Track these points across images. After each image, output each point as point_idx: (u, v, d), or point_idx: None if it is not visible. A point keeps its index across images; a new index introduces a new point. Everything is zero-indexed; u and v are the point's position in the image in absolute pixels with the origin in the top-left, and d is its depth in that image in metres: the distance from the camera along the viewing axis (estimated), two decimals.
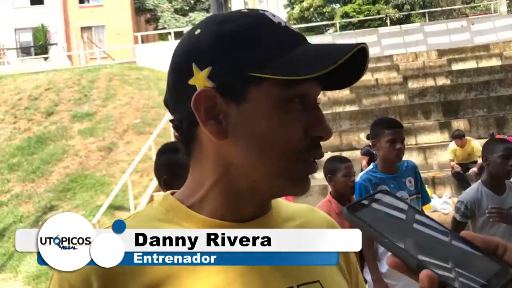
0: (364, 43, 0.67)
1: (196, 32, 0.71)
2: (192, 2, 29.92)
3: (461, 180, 7.69)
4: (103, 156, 11.48)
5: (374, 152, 8.22)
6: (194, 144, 0.73)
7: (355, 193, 3.18)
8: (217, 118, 0.68)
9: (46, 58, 21.28)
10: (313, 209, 0.87)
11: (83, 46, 21.51)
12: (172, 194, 0.77)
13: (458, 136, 8.10)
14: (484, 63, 13.19)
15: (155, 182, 9.28)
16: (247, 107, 0.67)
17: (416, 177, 3.11)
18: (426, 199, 3.18)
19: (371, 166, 3.18)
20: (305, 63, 0.65)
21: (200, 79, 0.68)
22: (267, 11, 0.73)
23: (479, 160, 8.01)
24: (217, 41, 0.68)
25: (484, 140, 8.65)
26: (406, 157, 3.35)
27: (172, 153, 1.94)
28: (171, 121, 0.76)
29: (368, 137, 9.22)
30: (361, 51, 0.67)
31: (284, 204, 0.83)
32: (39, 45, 23.14)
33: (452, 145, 8.27)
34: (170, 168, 1.89)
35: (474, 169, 8.05)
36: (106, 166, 11.10)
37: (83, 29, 25.66)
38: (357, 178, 3.21)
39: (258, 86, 0.66)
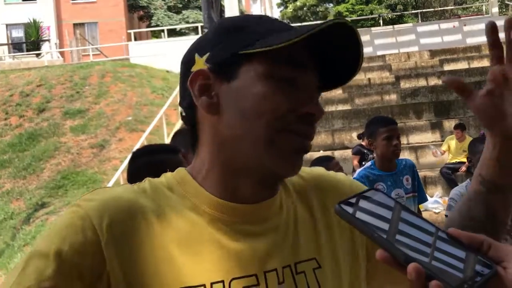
0: (343, 19, 0.68)
1: (204, 34, 0.80)
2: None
3: (450, 180, 7.76)
4: (95, 153, 11.44)
5: (365, 151, 8.31)
6: (197, 127, 0.78)
7: None
8: (210, 95, 0.73)
9: (38, 55, 21.14)
10: (321, 174, 0.89)
11: (75, 42, 21.38)
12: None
13: (460, 127, 8.22)
14: (476, 64, 13.27)
15: None
16: (237, 83, 0.72)
17: (413, 176, 3.15)
18: (422, 198, 3.22)
19: (369, 163, 3.23)
20: (285, 36, 0.69)
21: (199, 63, 0.75)
22: (273, 17, 0.80)
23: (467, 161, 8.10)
24: (216, 33, 0.76)
25: None
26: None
27: (150, 155, 1.89)
28: (181, 114, 0.81)
29: (359, 137, 9.27)
30: (353, 37, 0.70)
31: (292, 182, 0.84)
32: (31, 41, 22.97)
33: (450, 138, 8.38)
34: (152, 169, 1.83)
35: (463, 168, 8.14)
36: (98, 163, 11.07)
37: (75, 25, 25.52)
38: (355, 174, 3.25)
39: (247, 63, 0.71)
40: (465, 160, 8.19)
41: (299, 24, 27.67)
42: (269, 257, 0.73)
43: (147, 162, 1.85)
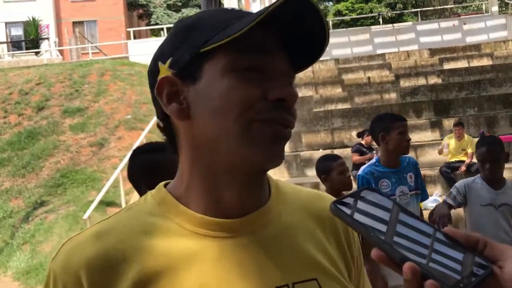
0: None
1: (163, 39, 0.77)
2: None
3: (449, 179, 7.77)
4: (94, 151, 11.43)
5: (364, 150, 8.32)
6: (175, 138, 0.75)
7: (357, 185, 3.22)
8: (179, 100, 0.71)
9: (37, 53, 21.13)
10: (320, 196, 0.83)
11: (74, 41, 21.36)
12: (166, 185, 0.77)
13: (460, 124, 8.32)
14: (475, 63, 13.27)
15: None
16: (202, 84, 0.69)
17: (416, 173, 3.17)
18: (424, 196, 3.24)
19: (374, 160, 3.24)
20: (240, 25, 0.66)
21: (163, 71, 0.72)
22: (230, 7, 0.76)
23: (467, 160, 8.13)
24: (174, 35, 0.73)
25: (475, 139, 8.72)
26: None
27: (148, 154, 1.87)
28: (158, 125, 0.78)
29: (359, 135, 9.21)
30: (312, 9, 0.66)
31: (289, 192, 0.80)
32: (30, 40, 22.95)
33: (449, 137, 8.43)
34: (149, 168, 1.81)
35: (463, 168, 8.14)
36: (97, 162, 11.06)
37: (74, 23, 25.49)
38: (359, 171, 3.27)
39: (209, 61, 0.68)
40: (464, 159, 8.21)
41: None
42: (261, 275, 0.68)
43: (145, 161, 1.85)
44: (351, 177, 3.32)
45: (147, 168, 1.82)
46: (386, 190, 3.03)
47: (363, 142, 8.41)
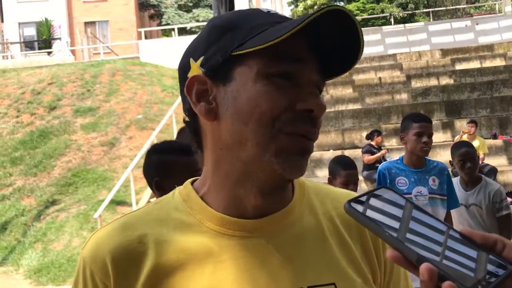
0: (337, 6, 0.65)
1: (197, 35, 0.77)
2: None
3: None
4: (106, 151, 11.50)
5: (374, 150, 8.28)
6: (200, 135, 0.75)
7: (376, 180, 3.24)
8: (208, 100, 0.71)
9: (49, 53, 21.29)
10: (349, 196, 0.78)
11: (86, 41, 21.50)
12: (193, 182, 0.79)
13: (473, 122, 8.40)
14: (488, 63, 13.15)
15: None
16: (233, 85, 0.69)
17: (443, 179, 3.10)
18: (452, 204, 3.13)
19: (397, 157, 3.25)
20: (277, 31, 0.65)
21: (194, 69, 0.73)
22: (265, 8, 0.75)
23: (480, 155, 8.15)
24: (208, 34, 0.73)
25: (487, 141, 8.66)
26: None
27: (162, 154, 1.92)
28: (184, 120, 0.78)
29: (367, 137, 9.16)
30: (350, 23, 0.66)
31: (316, 192, 0.79)
32: (43, 40, 23.14)
33: (459, 137, 8.45)
34: (161, 168, 1.86)
35: None
36: (108, 161, 11.12)
37: (86, 24, 25.65)
38: (380, 166, 3.29)
39: (241, 64, 0.68)
40: None
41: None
42: (274, 277, 0.68)
43: (158, 161, 1.88)
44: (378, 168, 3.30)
45: (159, 167, 1.86)
46: (402, 188, 3.02)
47: (373, 143, 8.37)
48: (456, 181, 3.42)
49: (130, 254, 0.70)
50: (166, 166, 1.84)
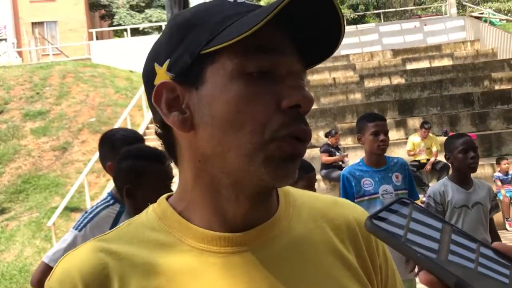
0: None
1: (159, 36, 0.69)
2: None
3: (416, 177, 7.95)
4: (57, 156, 11.14)
5: (332, 149, 8.39)
6: (175, 147, 0.68)
7: (340, 184, 3.22)
8: (180, 109, 0.63)
9: None
10: (335, 202, 0.76)
11: (34, 42, 20.76)
12: (168, 197, 0.71)
13: (427, 123, 8.56)
14: (437, 63, 13.61)
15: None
16: (206, 89, 0.61)
17: (405, 174, 3.19)
18: (413, 195, 3.26)
19: (358, 160, 3.28)
20: (249, 21, 0.58)
21: (161, 75, 0.64)
22: None
23: (432, 158, 8.32)
24: (170, 34, 0.65)
25: (439, 138, 8.94)
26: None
27: (135, 159, 1.81)
28: (156, 132, 0.71)
29: (326, 135, 9.29)
30: (330, 5, 0.59)
31: (303, 200, 0.74)
32: None
33: (414, 138, 8.58)
34: (133, 175, 1.76)
35: (428, 167, 8.34)
36: (60, 166, 10.78)
37: (34, 24, 24.78)
38: (343, 171, 3.28)
39: (213, 63, 0.61)
40: (429, 157, 8.40)
41: None
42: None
43: (130, 167, 1.78)
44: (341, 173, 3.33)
45: (131, 174, 1.76)
46: (369, 189, 3.07)
47: (330, 142, 8.49)
48: (449, 184, 3.13)
49: (105, 281, 0.62)
50: (139, 173, 1.74)
